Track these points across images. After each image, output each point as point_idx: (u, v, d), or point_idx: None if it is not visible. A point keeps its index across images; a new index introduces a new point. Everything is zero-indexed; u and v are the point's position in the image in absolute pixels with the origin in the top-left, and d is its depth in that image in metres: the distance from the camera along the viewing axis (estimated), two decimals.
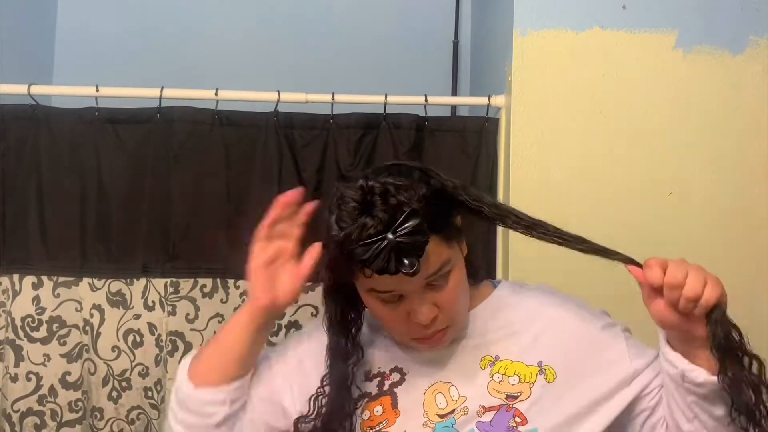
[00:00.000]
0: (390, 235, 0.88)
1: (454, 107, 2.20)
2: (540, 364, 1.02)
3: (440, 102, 1.83)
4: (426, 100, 1.69)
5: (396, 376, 1.04)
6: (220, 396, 1.01)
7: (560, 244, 1.00)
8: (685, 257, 1.56)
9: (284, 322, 1.64)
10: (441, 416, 0.99)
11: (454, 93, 2.39)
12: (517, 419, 0.98)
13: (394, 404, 1.02)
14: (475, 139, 1.69)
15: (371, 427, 1.00)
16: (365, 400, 1.04)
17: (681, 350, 0.95)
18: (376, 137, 1.68)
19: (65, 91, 1.79)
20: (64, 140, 1.67)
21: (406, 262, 0.88)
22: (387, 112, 1.67)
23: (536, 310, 1.07)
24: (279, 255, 1.05)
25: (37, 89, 1.66)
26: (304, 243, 1.09)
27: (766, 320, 1.54)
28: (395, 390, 1.03)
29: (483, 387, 1.00)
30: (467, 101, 2.10)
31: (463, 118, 1.96)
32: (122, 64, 2.33)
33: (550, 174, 1.58)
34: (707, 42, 1.59)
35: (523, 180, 1.59)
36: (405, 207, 0.90)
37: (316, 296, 1.64)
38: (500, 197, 1.65)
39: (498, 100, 1.67)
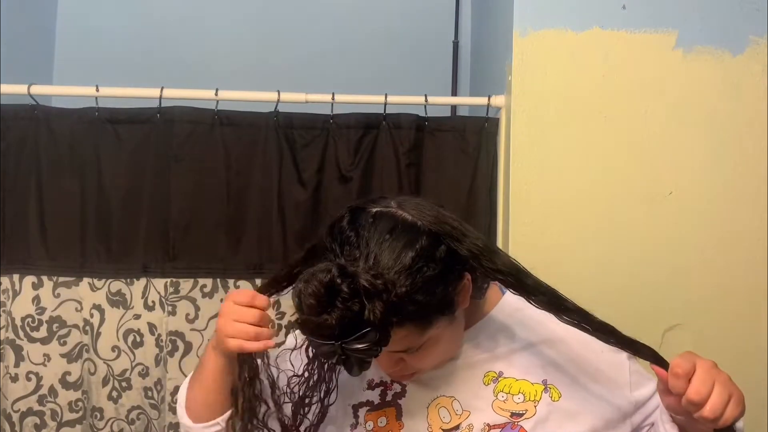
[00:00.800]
0: (339, 343, 0.82)
1: (454, 107, 2.20)
2: (545, 382, 1.01)
3: (440, 102, 1.83)
4: (426, 100, 1.68)
5: (398, 387, 1.03)
6: (217, 428, 1.04)
7: (586, 330, 0.92)
8: (684, 257, 1.57)
9: (284, 322, 1.64)
10: (445, 431, 0.98)
11: (454, 93, 2.39)
12: None
13: (398, 416, 1.01)
14: (475, 139, 1.69)
15: None
16: (366, 408, 1.03)
17: (681, 423, 0.94)
18: (376, 137, 1.67)
19: (65, 91, 1.79)
20: (64, 140, 1.67)
21: (351, 369, 0.85)
22: (387, 112, 1.67)
23: (543, 324, 1.04)
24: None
25: (37, 89, 1.66)
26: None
27: (766, 320, 1.54)
28: (399, 401, 1.02)
29: (487, 404, 0.99)
30: (467, 101, 2.10)
31: (463, 118, 1.96)
32: (122, 64, 2.34)
33: (550, 174, 1.58)
34: (707, 42, 1.58)
35: (523, 180, 1.58)
36: (365, 325, 0.81)
37: None
38: (500, 197, 1.65)
39: (498, 100, 1.67)
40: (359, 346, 0.82)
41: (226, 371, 1.02)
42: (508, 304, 1.07)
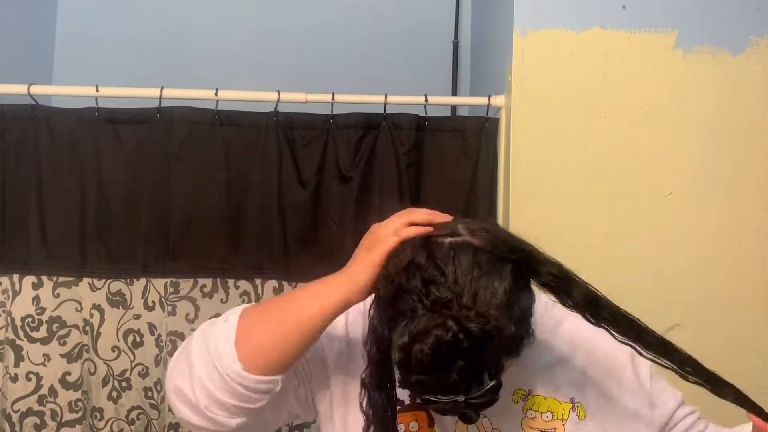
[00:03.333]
0: (461, 398, 0.78)
1: (454, 107, 2.20)
2: (572, 401, 1.00)
3: (440, 102, 1.83)
4: (426, 100, 1.68)
5: None
6: (273, 385, 0.87)
7: (668, 367, 0.87)
8: (684, 257, 1.57)
9: None
10: None
11: (454, 93, 2.39)
12: None
13: (430, 424, 0.99)
14: (475, 139, 1.68)
15: None
16: (398, 408, 0.98)
17: None
18: (376, 137, 1.67)
19: (65, 91, 1.79)
20: (64, 140, 1.67)
21: (470, 419, 0.82)
22: (387, 112, 1.67)
23: (570, 342, 1.02)
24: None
25: (37, 89, 1.66)
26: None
27: (766, 320, 1.54)
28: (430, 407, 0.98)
29: (516, 423, 0.98)
30: (467, 101, 2.10)
31: (463, 118, 1.96)
32: (122, 64, 2.34)
33: (550, 174, 1.58)
34: (707, 42, 1.58)
35: (523, 180, 1.58)
36: (488, 378, 0.78)
37: None
38: (500, 197, 1.65)
39: (498, 100, 1.67)
40: (485, 397, 0.78)
41: (328, 321, 0.88)
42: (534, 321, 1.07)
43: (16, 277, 1.64)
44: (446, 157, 1.69)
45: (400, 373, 0.81)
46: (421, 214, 0.90)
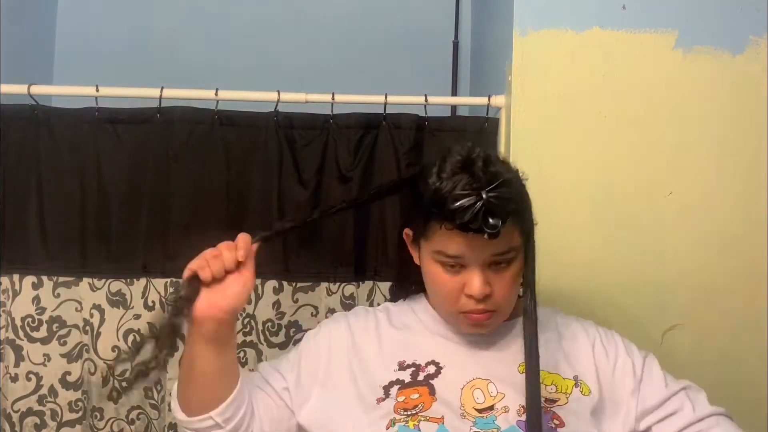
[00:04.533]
0: (483, 194, 0.94)
1: (454, 107, 2.20)
2: (576, 378, 1.07)
3: (440, 102, 1.83)
4: (426, 100, 1.68)
5: (432, 369, 1.06)
6: (210, 422, 1.05)
7: None
8: (684, 257, 1.57)
9: (284, 322, 1.64)
10: (479, 411, 1.01)
11: (454, 93, 2.39)
12: (556, 422, 1.01)
13: (431, 393, 1.03)
14: (475, 139, 1.68)
15: (406, 409, 1.01)
16: (397, 387, 1.04)
17: None
18: (376, 137, 1.67)
19: (65, 91, 1.79)
20: (64, 140, 1.67)
21: (491, 221, 0.93)
22: (387, 112, 1.67)
23: (571, 325, 1.15)
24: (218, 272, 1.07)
25: (37, 89, 1.66)
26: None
27: (766, 320, 1.54)
28: (431, 381, 1.04)
29: (523, 389, 1.00)
30: (467, 101, 2.10)
31: (463, 118, 1.95)
32: (122, 64, 2.34)
33: (550, 174, 1.58)
34: (707, 42, 1.58)
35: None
36: (501, 176, 0.97)
37: (317, 296, 1.64)
38: None
39: (498, 100, 1.67)
40: (503, 189, 0.95)
41: (209, 356, 1.04)
42: (541, 313, 1.11)
43: (16, 277, 1.64)
44: None
45: (434, 200, 0.98)
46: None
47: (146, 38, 2.40)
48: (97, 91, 1.66)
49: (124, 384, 1.12)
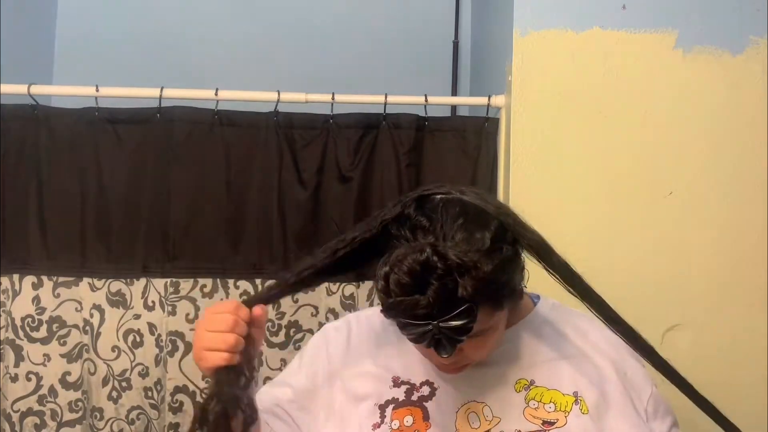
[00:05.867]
0: (435, 323, 0.82)
1: (454, 107, 2.20)
2: (576, 394, 1.01)
3: (440, 102, 1.83)
4: (426, 100, 1.69)
5: (426, 390, 1.02)
6: None
7: (632, 346, 0.96)
8: (684, 257, 1.57)
9: (284, 322, 1.64)
10: None
11: (454, 93, 2.39)
12: None
13: (425, 418, 1.00)
14: (475, 139, 1.69)
15: None
16: (392, 406, 1.01)
17: None
18: (376, 137, 1.68)
19: (65, 91, 1.79)
20: (64, 140, 1.67)
21: (444, 349, 0.84)
22: (387, 112, 1.67)
23: (571, 339, 1.05)
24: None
25: (37, 89, 1.66)
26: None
27: (766, 320, 1.54)
28: (425, 404, 1.00)
29: (519, 411, 0.98)
30: (467, 101, 2.10)
31: (463, 118, 1.96)
32: (122, 64, 2.33)
33: (550, 174, 1.58)
34: (707, 42, 1.58)
35: (523, 180, 1.58)
36: (461, 302, 0.82)
37: (317, 296, 1.64)
38: (500, 197, 1.65)
39: (498, 100, 1.67)
40: (457, 323, 0.82)
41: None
42: (539, 316, 1.07)
43: (16, 277, 1.64)
44: (446, 157, 1.69)
45: (382, 302, 0.85)
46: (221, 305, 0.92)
47: (146, 38, 2.40)
48: (97, 91, 1.66)
49: None
